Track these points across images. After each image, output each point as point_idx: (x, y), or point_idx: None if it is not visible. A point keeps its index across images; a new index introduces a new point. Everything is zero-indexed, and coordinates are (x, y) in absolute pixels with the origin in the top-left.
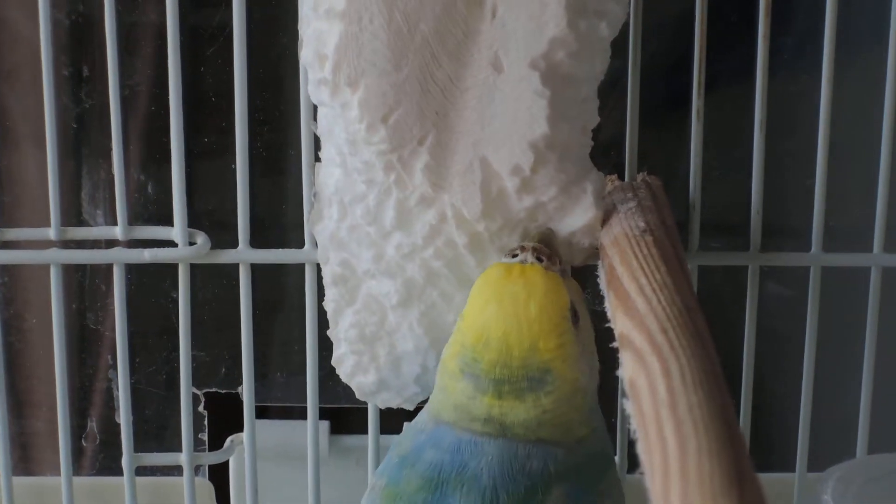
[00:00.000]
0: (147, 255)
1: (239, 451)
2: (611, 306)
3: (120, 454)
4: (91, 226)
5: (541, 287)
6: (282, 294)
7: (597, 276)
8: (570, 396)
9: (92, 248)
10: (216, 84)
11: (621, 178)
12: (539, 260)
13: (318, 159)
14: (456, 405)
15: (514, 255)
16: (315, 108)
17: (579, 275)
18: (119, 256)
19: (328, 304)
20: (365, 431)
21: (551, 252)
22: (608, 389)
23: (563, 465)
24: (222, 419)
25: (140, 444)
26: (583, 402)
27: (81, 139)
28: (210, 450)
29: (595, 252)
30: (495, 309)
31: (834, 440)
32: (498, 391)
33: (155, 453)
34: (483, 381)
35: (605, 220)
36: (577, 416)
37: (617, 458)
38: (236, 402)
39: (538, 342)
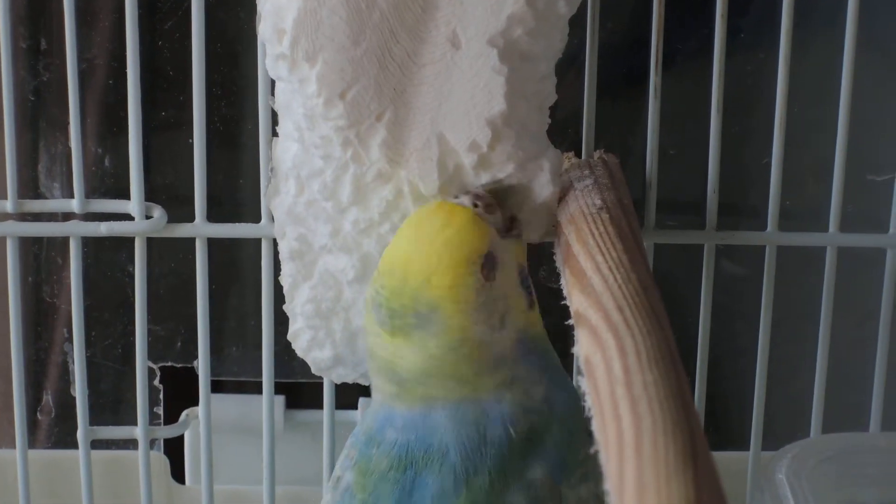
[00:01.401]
0: (103, 229)
1: (194, 426)
2: (567, 284)
3: (75, 428)
4: (48, 199)
5: (456, 225)
6: (237, 268)
7: (553, 254)
8: (458, 346)
9: (48, 220)
10: (174, 58)
11: (578, 155)
12: (475, 205)
13: (275, 134)
14: (370, 351)
15: (457, 197)
16: (273, 82)
17: (536, 252)
18: (75, 230)
19: (284, 279)
20: (320, 406)
21: (492, 202)
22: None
23: (522, 427)
24: (178, 393)
25: (96, 418)
26: (477, 353)
27: (38, 112)
28: (165, 424)
29: (551, 229)
30: (408, 235)
31: (788, 419)
32: (392, 326)
33: (110, 427)
34: (382, 312)
35: (561, 197)
36: (467, 367)
37: None
38: (192, 376)
39: (432, 276)
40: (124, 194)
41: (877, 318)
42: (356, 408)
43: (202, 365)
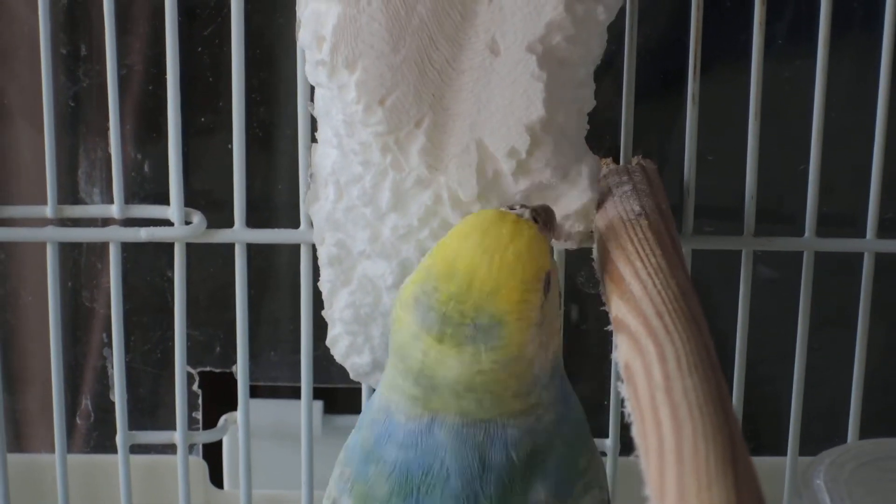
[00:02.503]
0: (143, 234)
1: (233, 430)
2: (606, 290)
3: (114, 432)
4: (87, 204)
5: (527, 239)
6: (275, 274)
7: (591, 260)
8: (512, 363)
9: (88, 226)
10: (213, 64)
11: (616, 161)
12: (535, 220)
13: (314, 140)
14: (399, 349)
15: (512, 209)
16: (312, 88)
17: (575, 258)
18: (115, 235)
19: (323, 285)
20: (358, 411)
21: (548, 220)
22: (599, 373)
23: (524, 450)
24: (216, 398)
25: (134, 423)
26: (526, 372)
27: (78, 117)
28: (204, 428)
29: (590, 235)
30: (475, 241)
31: (825, 425)
32: (441, 332)
33: (149, 431)
34: (432, 316)
35: (600, 203)
36: (513, 385)
37: (611, 442)
38: (230, 381)
39: (502, 288)
40: (163, 199)
41: None
42: None
43: (241, 370)
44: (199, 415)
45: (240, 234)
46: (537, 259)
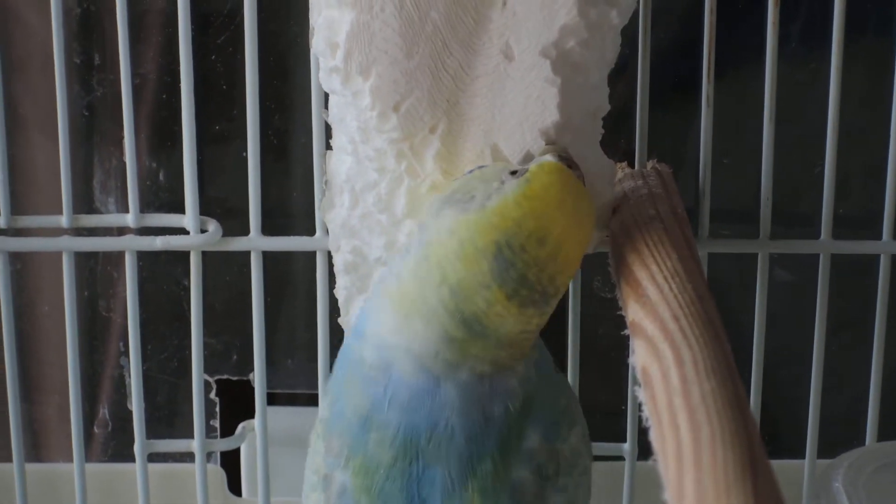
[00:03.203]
0: (159, 243)
1: (250, 438)
2: (622, 294)
3: (131, 441)
4: (103, 213)
5: (593, 212)
6: (291, 281)
7: (607, 264)
8: (544, 323)
9: (104, 235)
10: (227, 72)
11: (631, 165)
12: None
13: (328, 147)
14: (458, 284)
15: (562, 157)
16: (326, 95)
17: (591, 262)
18: (131, 244)
19: (339, 292)
20: None
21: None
22: (616, 377)
23: (518, 401)
24: (234, 406)
25: (152, 431)
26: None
27: (93, 127)
28: (222, 436)
29: (606, 240)
30: (568, 212)
31: (844, 427)
32: (514, 291)
33: (167, 440)
34: (513, 273)
35: (615, 207)
36: (533, 341)
37: (628, 446)
38: (248, 388)
39: (576, 263)
40: (178, 208)
41: None
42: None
43: (258, 377)
44: (216, 423)
45: (255, 242)
46: (586, 227)
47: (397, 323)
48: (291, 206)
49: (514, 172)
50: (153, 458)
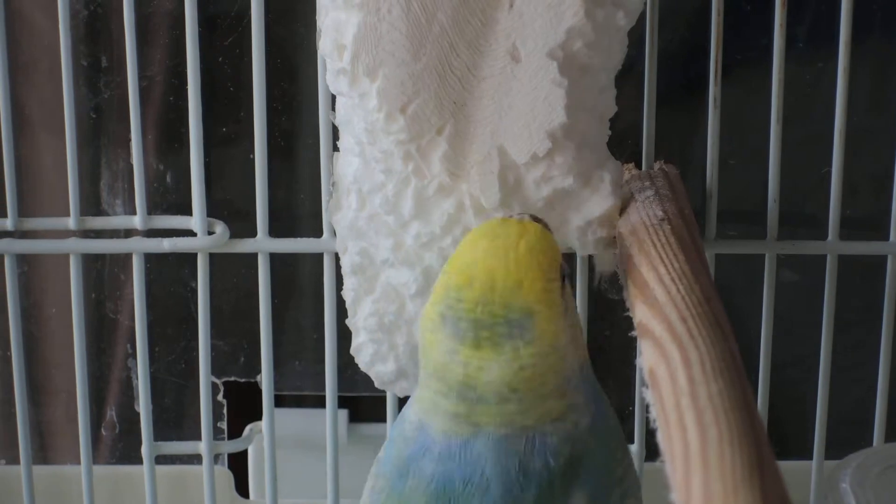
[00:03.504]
0: (166, 245)
1: (258, 440)
2: (629, 295)
3: (139, 443)
4: (110, 215)
5: (534, 233)
6: (298, 283)
7: (615, 266)
8: (549, 354)
9: (111, 237)
10: (234, 74)
11: (638, 166)
12: (535, 220)
13: (335, 149)
14: (436, 370)
15: (510, 217)
16: (333, 97)
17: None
18: (138, 246)
19: (347, 294)
20: (383, 420)
21: (546, 224)
22: (623, 379)
23: (563, 457)
24: (241, 408)
25: (159, 433)
26: (561, 366)
27: (100, 129)
28: (229, 438)
29: (613, 241)
30: (484, 246)
31: (851, 428)
32: (476, 338)
33: (174, 442)
34: (463, 325)
35: (622, 209)
36: (552, 380)
37: (636, 447)
38: (255, 390)
39: (524, 281)
40: (186, 210)
41: None
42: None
43: (266, 379)
44: (224, 425)
45: (263, 244)
46: (550, 249)
47: (425, 395)
48: (298, 207)
49: None
50: (161, 459)
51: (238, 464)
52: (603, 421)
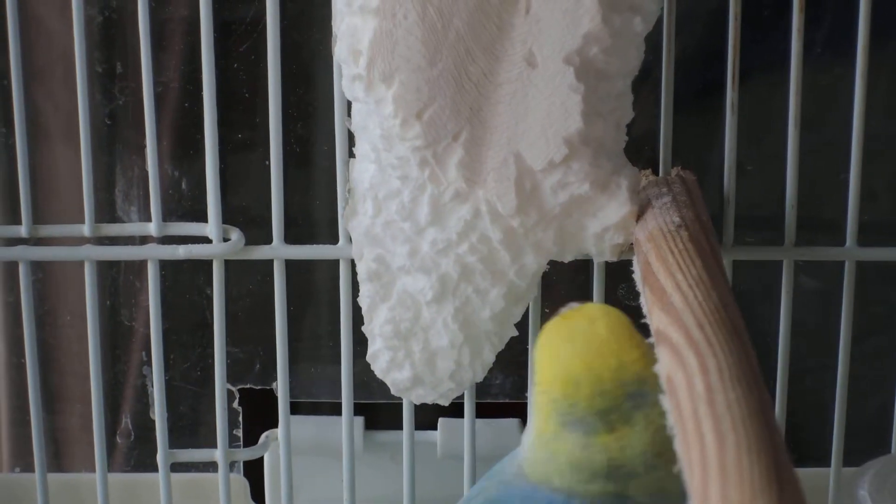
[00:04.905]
0: (181, 252)
1: (274, 447)
2: (647, 302)
3: (154, 450)
4: (125, 222)
5: (599, 312)
6: (314, 290)
7: (632, 272)
8: (666, 416)
9: (126, 244)
10: (249, 80)
11: (655, 172)
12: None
13: (352, 155)
14: (572, 464)
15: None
16: (349, 103)
17: (615, 270)
18: (153, 253)
19: (363, 300)
20: (399, 427)
21: None
22: None
23: None
24: (257, 415)
25: (174, 441)
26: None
27: (115, 136)
28: (245, 446)
29: (630, 247)
30: (569, 350)
31: (870, 435)
32: (608, 424)
33: (190, 449)
34: (589, 421)
35: (639, 215)
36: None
37: None
38: (271, 398)
39: (622, 356)
40: (201, 216)
41: None
42: (435, 428)
43: (281, 386)
44: (239, 432)
45: (278, 251)
46: (620, 317)
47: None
48: (314, 214)
49: None
50: (176, 467)
51: (254, 471)
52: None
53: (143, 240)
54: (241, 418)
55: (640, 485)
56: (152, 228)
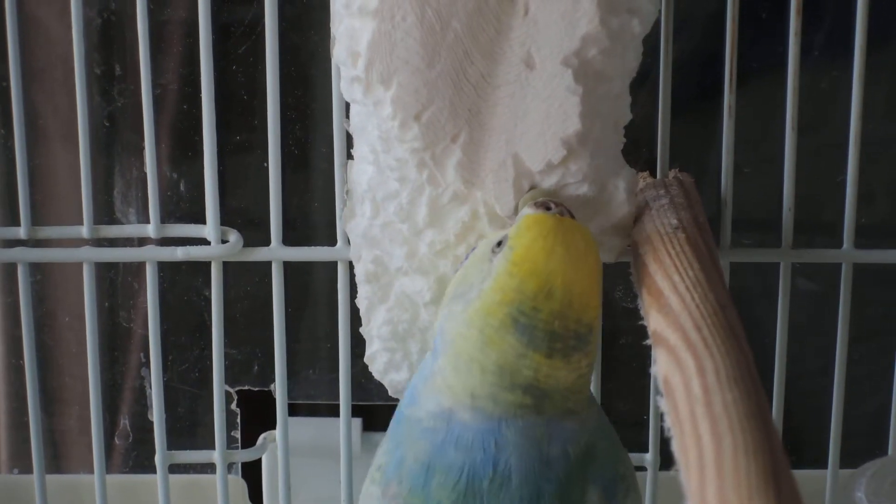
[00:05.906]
0: (180, 254)
1: (272, 449)
2: (644, 304)
3: (152, 452)
4: (123, 224)
5: (594, 244)
6: (312, 291)
7: (629, 274)
8: (594, 360)
9: (124, 246)
10: (248, 82)
11: (653, 174)
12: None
13: (350, 157)
14: (500, 367)
15: (549, 208)
16: (347, 105)
17: (612, 272)
18: (151, 255)
19: (361, 302)
20: None
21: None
22: (638, 387)
23: (579, 447)
24: (255, 417)
25: (173, 442)
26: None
27: (114, 137)
28: (243, 447)
29: (627, 249)
30: (561, 255)
31: (866, 437)
32: (550, 349)
33: (188, 451)
34: (539, 335)
35: (637, 217)
36: (590, 380)
37: (650, 456)
38: (269, 399)
39: (594, 298)
40: (199, 218)
41: None
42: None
43: (279, 388)
44: (237, 433)
45: (277, 252)
46: (600, 259)
47: (467, 381)
48: (312, 216)
49: (499, 244)
50: (174, 468)
51: (252, 473)
52: (604, 419)
53: (142, 241)
54: (239, 420)
55: (553, 405)
56: (151, 230)
